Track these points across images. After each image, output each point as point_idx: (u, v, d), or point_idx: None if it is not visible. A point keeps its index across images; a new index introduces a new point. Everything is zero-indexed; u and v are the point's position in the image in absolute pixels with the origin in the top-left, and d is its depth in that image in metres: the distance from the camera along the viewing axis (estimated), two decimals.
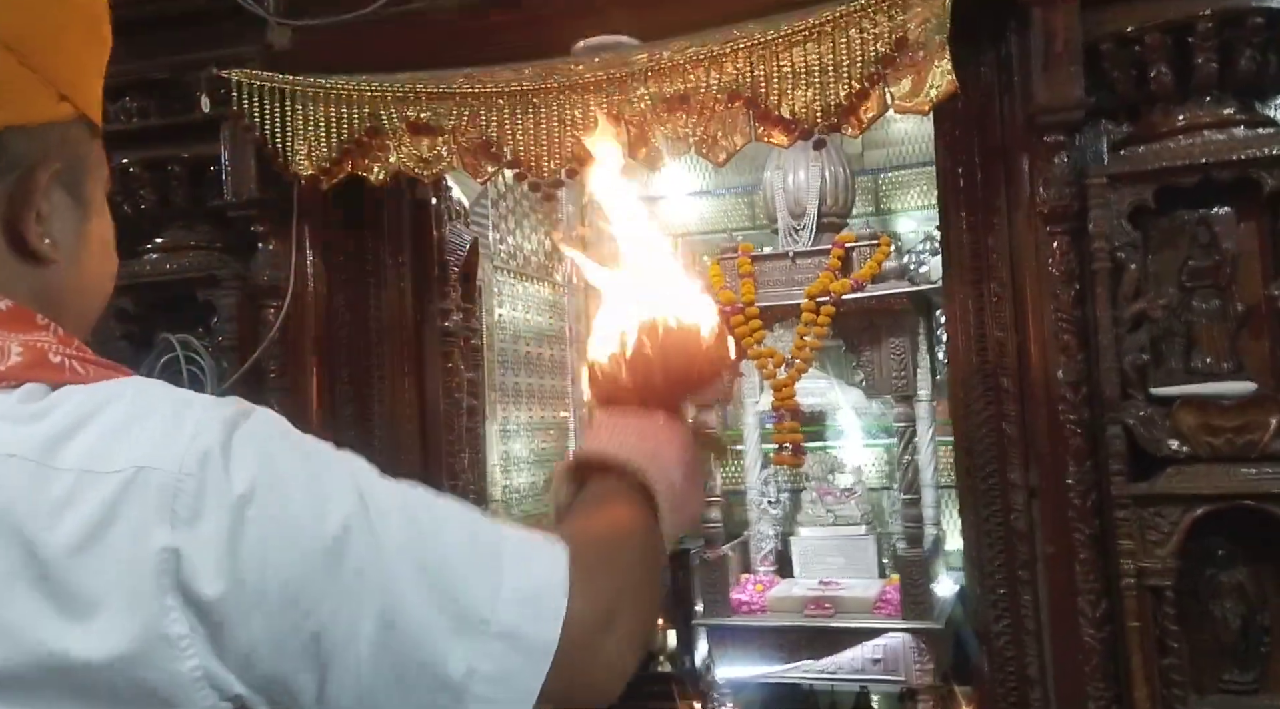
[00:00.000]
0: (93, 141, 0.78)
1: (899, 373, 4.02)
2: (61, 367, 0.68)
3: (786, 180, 4.32)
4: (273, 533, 0.63)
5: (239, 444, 0.65)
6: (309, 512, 0.65)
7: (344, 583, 0.64)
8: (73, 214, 0.76)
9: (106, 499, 0.61)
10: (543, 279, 5.77)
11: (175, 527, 0.61)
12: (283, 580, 0.63)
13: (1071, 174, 1.91)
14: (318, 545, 0.64)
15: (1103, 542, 1.87)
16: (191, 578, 0.61)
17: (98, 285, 0.81)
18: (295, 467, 0.67)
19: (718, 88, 1.97)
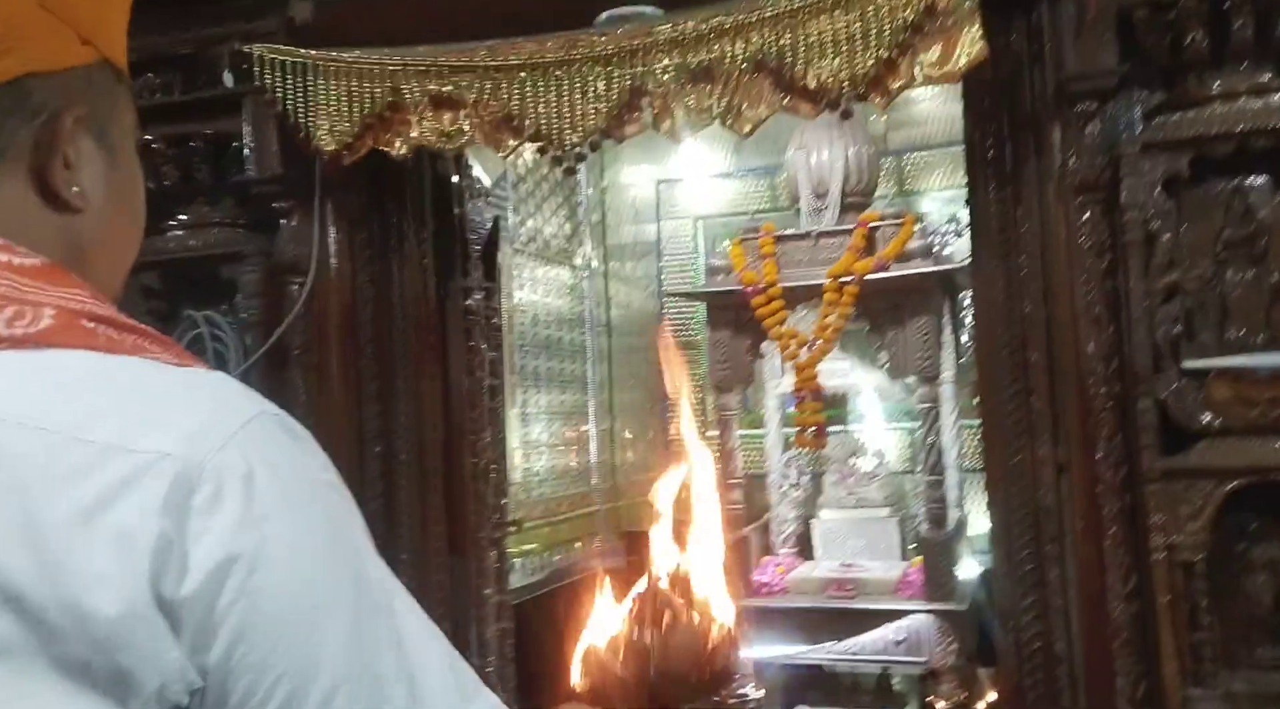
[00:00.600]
0: (118, 87, 0.76)
1: (923, 354, 3.98)
2: (94, 333, 0.65)
3: (810, 159, 4.28)
4: (264, 591, 0.61)
5: (267, 473, 0.63)
6: (307, 604, 0.63)
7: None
8: (100, 161, 0.74)
9: (123, 475, 0.60)
10: (563, 262, 5.76)
11: (176, 518, 0.60)
12: (252, 641, 0.61)
13: (1103, 144, 1.88)
14: (301, 622, 0.62)
15: (1132, 517, 1.84)
16: (168, 572, 0.59)
17: (126, 236, 0.79)
18: (310, 535, 0.65)
19: (742, 58, 1.95)
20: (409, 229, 2.46)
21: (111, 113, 0.75)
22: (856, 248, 3.98)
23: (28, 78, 0.68)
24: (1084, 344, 1.90)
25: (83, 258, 0.73)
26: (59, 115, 0.70)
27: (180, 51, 2.30)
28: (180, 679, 0.59)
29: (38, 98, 0.69)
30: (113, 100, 0.76)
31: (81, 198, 0.72)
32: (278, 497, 0.63)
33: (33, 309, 0.64)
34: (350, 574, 0.65)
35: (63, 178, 0.71)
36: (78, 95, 0.71)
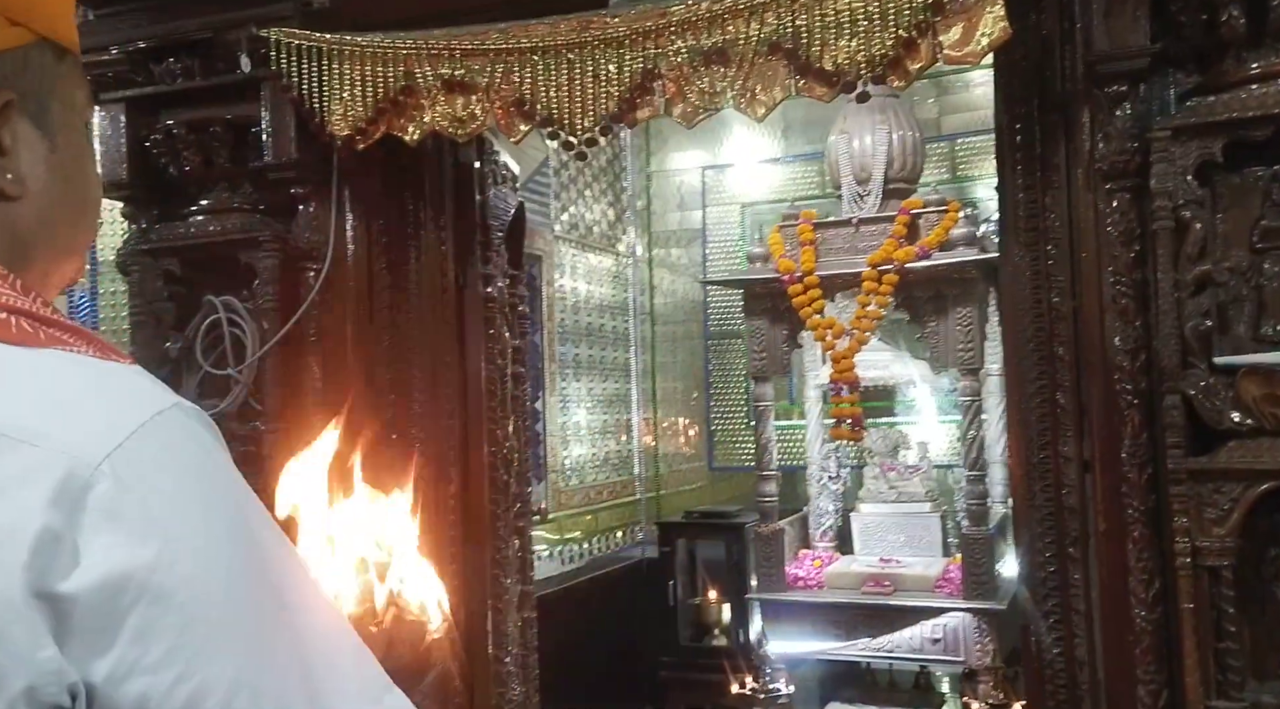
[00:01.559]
0: (60, 65, 0.74)
1: (965, 344, 3.89)
2: (6, 324, 0.64)
3: (852, 144, 4.20)
4: (165, 593, 0.60)
5: (172, 471, 0.62)
6: (208, 606, 0.61)
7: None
8: (40, 145, 0.72)
9: (18, 468, 0.58)
10: (605, 249, 5.73)
11: (67, 515, 0.58)
12: (141, 633, 0.59)
13: (1135, 128, 1.79)
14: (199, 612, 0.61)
15: (1158, 518, 1.76)
16: (56, 568, 0.58)
17: (75, 220, 0.77)
18: (213, 535, 0.63)
19: (757, 40, 1.89)
20: (427, 215, 2.44)
21: (52, 93, 0.73)
22: (898, 235, 3.90)
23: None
24: (1110, 337, 1.82)
25: (22, 243, 0.71)
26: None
27: (199, 37, 2.29)
28: (56, 680, 0.57)
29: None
30: (53, 80, 0.73)
31: (17, 184, 0.71)
32: (179, 495, 0.62)
33: None
34: (254, 576, 0.64)
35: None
36: (10, 78, 0.69)
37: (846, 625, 4.09)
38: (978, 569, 3.86)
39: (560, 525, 5.06)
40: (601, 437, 5.56)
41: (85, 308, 2.76)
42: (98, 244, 2.76)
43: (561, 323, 5.21)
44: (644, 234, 6.03)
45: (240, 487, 0.67)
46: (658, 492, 5.86)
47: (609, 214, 5.79)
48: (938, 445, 4.91)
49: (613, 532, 5.53)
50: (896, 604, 4.01)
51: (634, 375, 5.91)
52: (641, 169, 6.09)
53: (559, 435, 5.11)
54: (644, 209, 6.06)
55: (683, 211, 6.13)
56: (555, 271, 5.15)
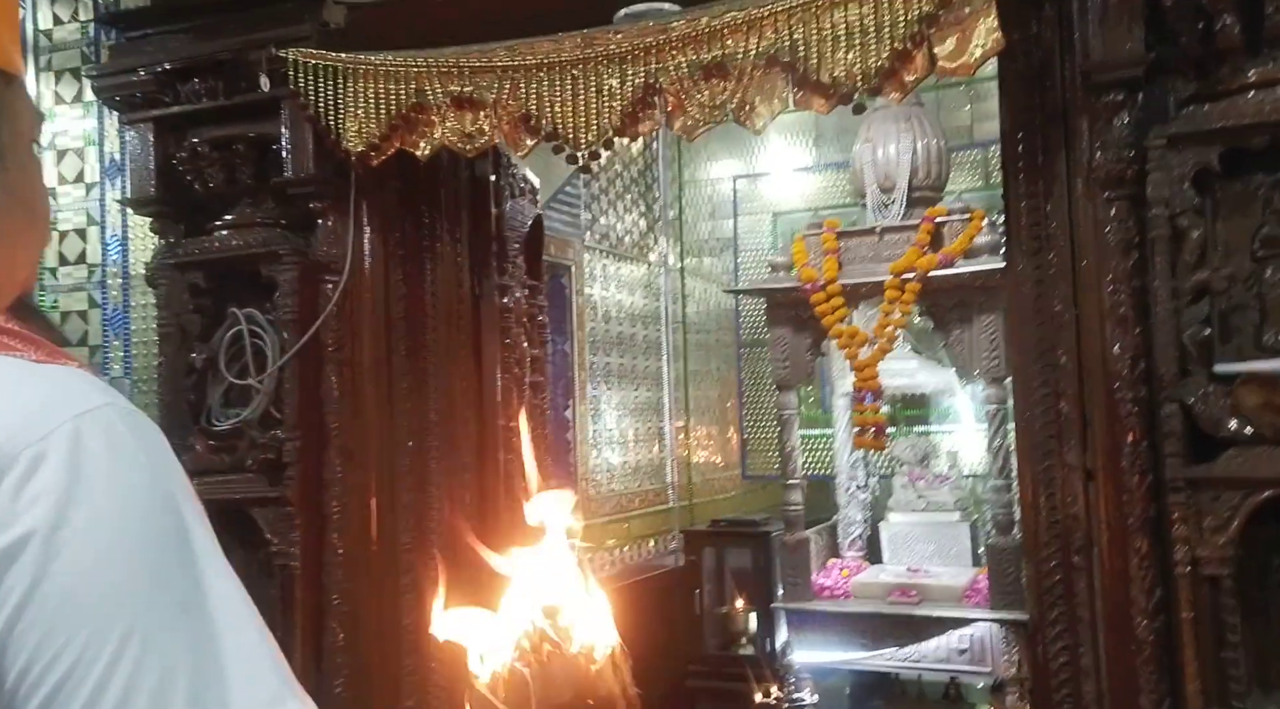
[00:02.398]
0: (8, 89, 0.76)
1: (990, 353, 3.87)
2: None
3: (876, 153, 4.20)
4: (49, 576, 0.61)
5: (82, 464, 0.64)
6: (91, 596, 0.62)
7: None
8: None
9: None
10: (637, 259, 5.77)
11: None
12: (45, 620, 0.61)
13: (1132, 136, 1.79)
14: (94, 612, 0.62)
15: (1159, 527, 1.76)
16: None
17: (25, 238, 0.80)
18: (109, 528, 0.64)
19: (756, 54, 1.92)
20: (443, 228, 2.50)
21: (0, 117, 0.76)
22: (921, 244, 3.89)
23: None
24: (1110, 346, 1.82)
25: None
26: None
27: (222, 58, 2.37)
28: None
29: None
30: (1, 106, 0.76)
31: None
32: (92, 484, 0.64)
33: None
34: (153, 568, 0.65)
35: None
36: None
37: (873, 635, 4.07)
38: (1004, 579, 3.83)
39: (594, 533, 5.10)
40: (634, 445, 5.58)
41: (118, 320, 2.85)
42: (130, 258, 2.85)
43: (592, 332, 5.24)
44: (676, 243, 6.06)
45: (166, 480, 0.69)
46: (690, 500, 5.87)
47: (640, 224, 5.83)
48: (972, 455, 4.87)
49: (645, 540, 5.55)
50: (923, 614, 3.99)
51: (666, 384, 5.92)
52: (674, 179, 6.12)
53: (590, 443, 5.14)
54: (676, 218, 6.09)
55: (714, 221, 6.15)
56: (585, 281, 5.19)
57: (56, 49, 2.94)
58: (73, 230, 2.91)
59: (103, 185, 2.87)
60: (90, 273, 2.86)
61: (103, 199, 2.87)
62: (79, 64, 2.88)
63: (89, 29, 2.87)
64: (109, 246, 2.87)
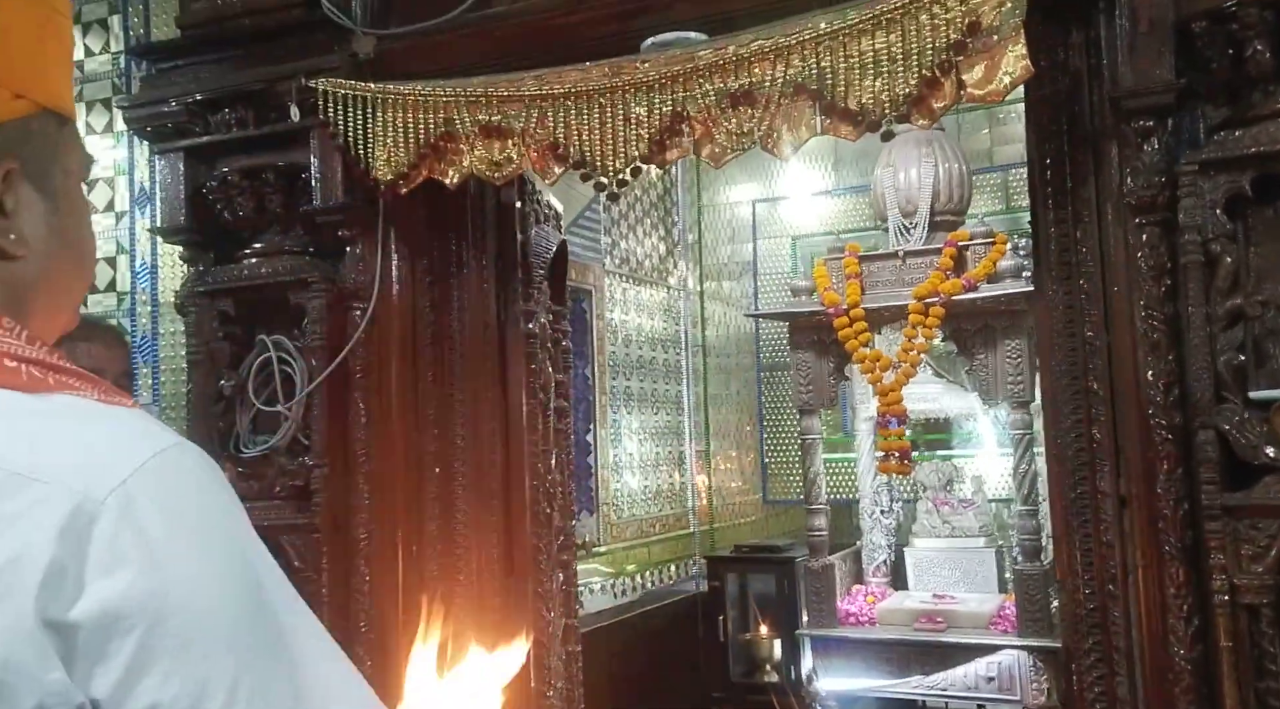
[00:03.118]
0: (61, 132, 0.79)
1: (1015, 377, 3.85)
2: (17, 372, 0.69)
3: (897, 177, 4.21)
4: (162, 620, 0.64)
5: (170, 506, 0.66)
6: (203, 633, 0.65)
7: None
8: (40, 207, 0.77)
9: (26, 502, 0.63)
10: (656, 283, 5.78)
11: (73, 547, 0.63)
12: (147, 661, 0.63)
13: (1163, 162, 1.79)
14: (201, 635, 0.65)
15: (1195, 555, 1.74)
16: (61, 597, 0.62)
17: (73, 276, 0.82)
18: (210, 566, 0.68)
19: (783, 81, 1.93)
20: (469, 255, 2.51)
21: (54, 158, 0.79)
22: (944, 268, 3.88)
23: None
24: (1143, 372, 1.81)
25: (23, 299, 0.76)
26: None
27: (252, 88, 2.39)
28: (63, 700, 0.62)
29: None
30: (55, 146, 0.79)
31: (20, 245, 0.76)
32: (175, 529, 0.66)
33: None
34: (246, 600, 0.68)
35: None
36: (13, 146, 0.75)
37: (899, 662, 4.04)
38: (1032, 605, 3.80)
39: (614, 558, 5.08)
40: (654, 469, 5.58)
41: (147, 347, 2.88)
42: (159, 286, 2.87)
43: (612, 356, 5.25)
44: (695, 267, 6.07)
45: (236, 520, 0.71)
46: (711, 525, 5.85)
47: (660, 248, 5.84)
48: (996, 479, 4.84)
49: (666, 565, 5.53)
50: (950, 641, 3.96)
51: (686, 408, 5.92)
52: (693, 203, 6.14)
53: (611, 467, 5.14)
54: (695, 242, 6.11)
55: (734, 244, 6.16)
56: (606, 305, 5.21)
57: (88, 80, 2.99)
58: (102, 259, 2.94)
59: (132, 214, 2.90)
60: (120, 300, 2.89)
61: (132, 227, 2.90)
62: (110, 94, 2.92)
63: (120, 60, 2.91)
64: (138, 275, 2.89)
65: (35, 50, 0.76)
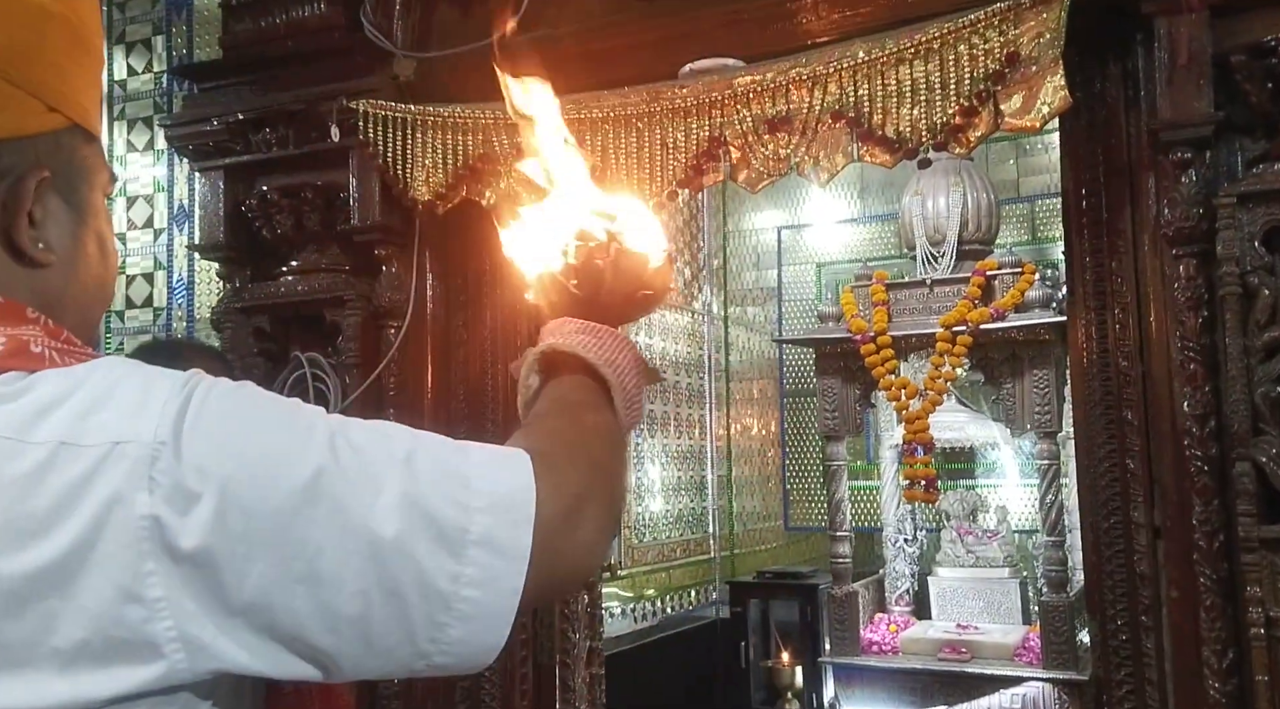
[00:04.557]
0: (88, 147, 0.82)
1: (1042, 407, 3.83)
2: (41, 355, 0.72)
3: (925, 206, 4.21)
4: (251, 478, 0.67)
5: (208, 406, 0.68)
6: (283, 456, 0.69)
7: (326, 518, 0.68)
8: (67, 218, 0.80)
9: (84, 470, 0.65)
10: (682, 308, 5.80)
11: (154, 493, 0.65)
12: (268, 524, 0.67)
13: (1200, 194, 1.79)
14: (297, 484, 0.68)
15: (1230, 587, 1.73)
16: (175, 538, 0.64)
17: (97, 284, 0.85)
18: (262, 417, 0.71)
19: (820, 108, 1.95)
20: (502, 274, 2.53)
21: (81, 172, 0.81)
22: (972, 297, 3.88)
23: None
24: (1179, 403, 1.80)
25: (50, 307, 0.78)
26: (24, 177, 0.76)
27: (294, 108, 2.43)
28: (185, 650, 0.65)
29: (5, 161, 0.75)
30: (82, 160, 0.81)
31: (48, 253, 0.78)
32: (229, 418, 0.69)
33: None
34: (322, 428, 0.72)
35: (28, 235, 0.76)
36: (45, 158, 0.77)
37: (922, 692, 4.01)
38: (1058, 637, 3.77)
39: (634, 582, 5.07)
40: (675, 493, 5.57)
41: None
42: (195, 302, 2.91)
43: None
44: (720, 292, 6.08)
45: (265, 409, 0.73)
46: (732, 550, 5.83)
47: (685, 272, 5.86)
48: (1019, 509, 4.81)
49: (686, 590, 5.51)
50: (974, 671, 3.93)
51: (709, 432, 5.91)
52: (718, 228, 6.16)
53: (632, 491, 5.14)
54: (720, 267, 6.12)
55: (759, 270, 6.17)
56: (630, 328, 5.22)
57: (130, 99, 3.04)
58: (140, 274, 2.98)
59: (170, 231, 2.95)
60: (156, 316, 2.93)
61: (170, 244, 2.94)
62: (151, 113, 2.97)
63: (162, 80, 2.96)
64: (175, 290, 2.93)
65: (69, 68, 0.79)
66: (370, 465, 0.71)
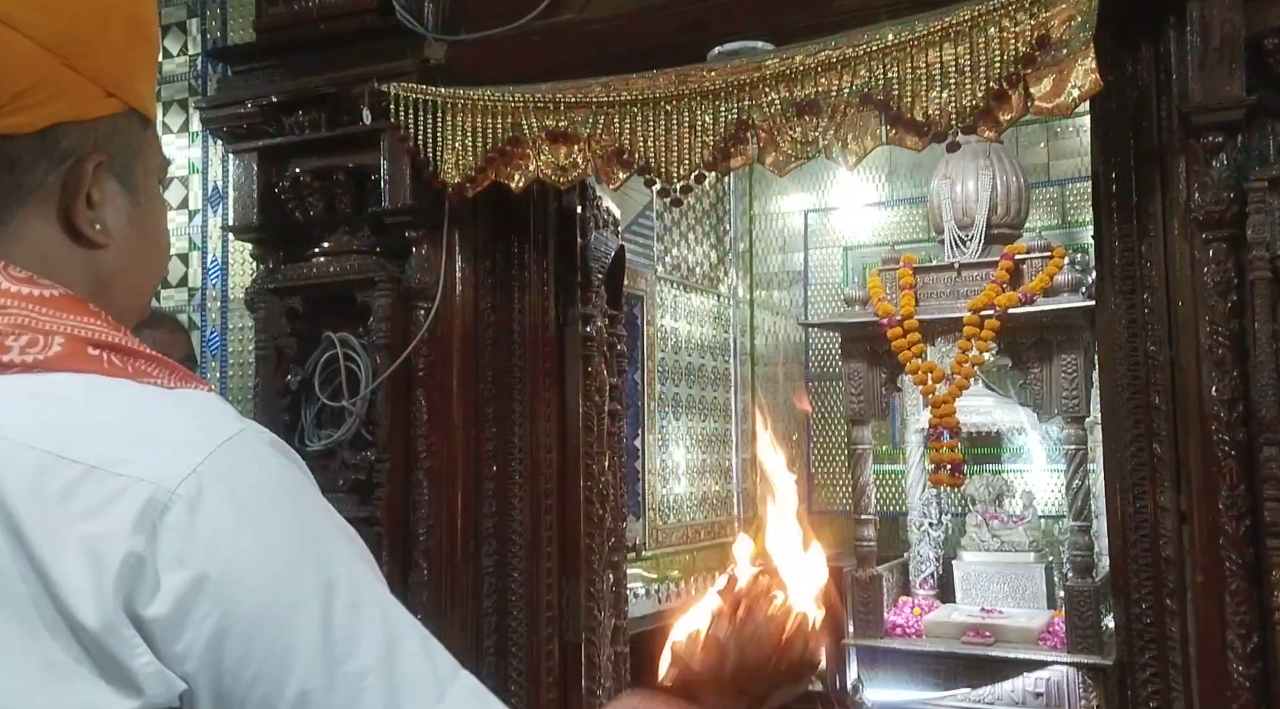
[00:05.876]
0: (144, 131, 0.84)
1: (1070, 392, 3.83)
2: (99, 359, 0.73)
3: (954, 190, 4.20)
4: (233, 606, 0.66)
5: (238, 492, 0.68)
6: (274, 612, 0.67)
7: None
8: (123, 201, 0.82)
9: (102, 497, 0.66)
10: (708, 291, 5.81)
11: (147, 539, 0.65)
12: (229, 652, 0.66)
13: (1231, 178, 1.78)
14: (276, 642, 0.67)
15: (1256, 571, 1.73)
16: (140, 591, 0.65)
17: (148, 266, 0.87)
18: (278, 548, 0.69)
19: (849, 91, 1.95)
20: (531, 258, 2.55)
21: (137, 156, 0.83)
22: (1000, 281, 3.87)
23: (56, 127, 0.77)
24: (1207, 388, 1.80)
25: (105, 287, 0.81)
26: (83, 160, 0.78)
27: (326, 91, 2.45)
28: (162, 684, 0.65)
29: (65, 144, 0.77)
30: (138, 145, 0.84)
31: (104, 234, 0.80)
32: (249, 520, 0.69)
33: (45, 337, 0.72)
34: (319, 581, 0.69)
35: (86, 217, 0.79)
36: (103, 142, 0.80)
37: (945, 675, 4.02)
38: (1083, 622, 3.77)
39: (658, 564, 5.11)
40: (700, 476, 5.59)
41: (216, 342, 2.95)
42: (229, 282, 2.95)
43: (662, 362, 5.28)
44: (745, 276, 6.09)
45: (308, 503, 0.73)
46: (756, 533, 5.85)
47: (711, 256, 5.87)
48: (1045, 495, 4.80)
49: (710, 572, 5.54)
50: (998, 655, 3.94)
51: (734, 416, 5.93)
52: (744, 212, 6.16)
53: (658, 473, 5.17)
54: (746, 251, 6.12)
55: (784, 254, 6.17)
56: (657, 311, 5.24)
57: (166, 81, 3.08)
58: (175, 255, 3.03)
59: (205, 212, 2.99)
60: (190, 296, 2.97)
61: (204, 225, 2.98)
62: (186, 95, 3.01)
63: (197, 62, 3.00)
64: (209, 271, 2.98)
65: (127, 54, 0.81)
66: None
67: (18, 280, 0.74)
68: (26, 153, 0.76)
